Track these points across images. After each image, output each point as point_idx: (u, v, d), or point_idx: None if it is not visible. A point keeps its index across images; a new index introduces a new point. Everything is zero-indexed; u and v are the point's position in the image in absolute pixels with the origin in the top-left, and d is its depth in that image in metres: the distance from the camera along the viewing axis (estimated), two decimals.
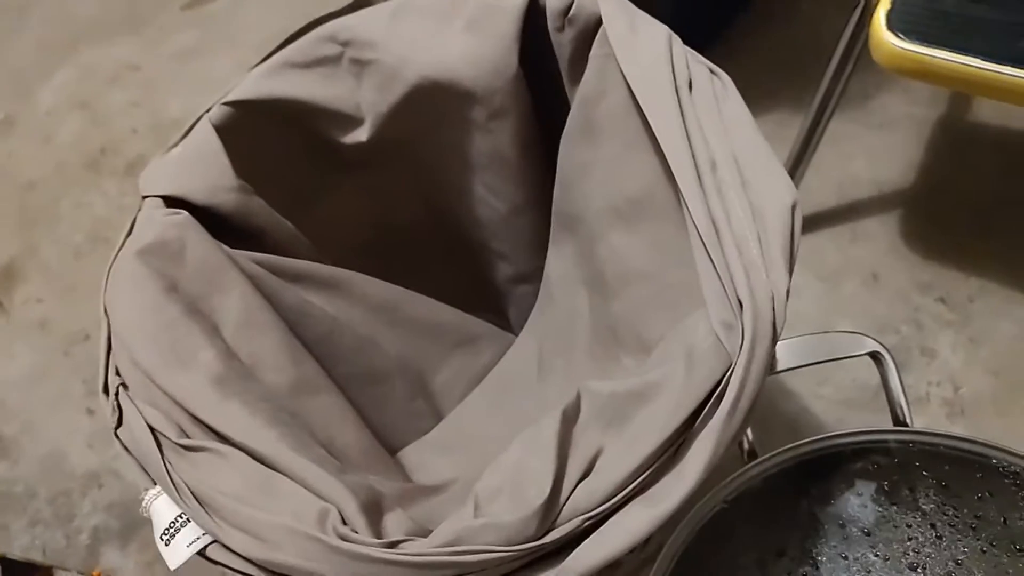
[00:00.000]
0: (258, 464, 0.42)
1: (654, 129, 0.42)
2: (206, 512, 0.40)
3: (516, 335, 0.67)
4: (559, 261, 0.58)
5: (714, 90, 0.43)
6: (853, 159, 0.95)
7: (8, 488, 0.94)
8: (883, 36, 0.65)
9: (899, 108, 0.99)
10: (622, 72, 0.45)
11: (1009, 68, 0.62)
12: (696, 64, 0.44)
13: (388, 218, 0.61)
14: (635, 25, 0.46)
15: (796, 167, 0.85)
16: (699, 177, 0.39)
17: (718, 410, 0.34)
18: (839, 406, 0.79)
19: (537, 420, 0.39)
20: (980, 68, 0.62)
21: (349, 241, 0.60)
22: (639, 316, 0.48)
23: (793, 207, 0.38)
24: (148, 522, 0.89)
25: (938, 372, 0.79)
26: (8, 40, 1.35)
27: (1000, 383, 0.77)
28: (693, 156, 0.40)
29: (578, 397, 0.38)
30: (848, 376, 0.79)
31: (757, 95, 1.07)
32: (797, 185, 0.87)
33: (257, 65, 0.54)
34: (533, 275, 0.63)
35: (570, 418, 0.37)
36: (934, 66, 0.64)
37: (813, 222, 0.91)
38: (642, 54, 0.44)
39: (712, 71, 0.44)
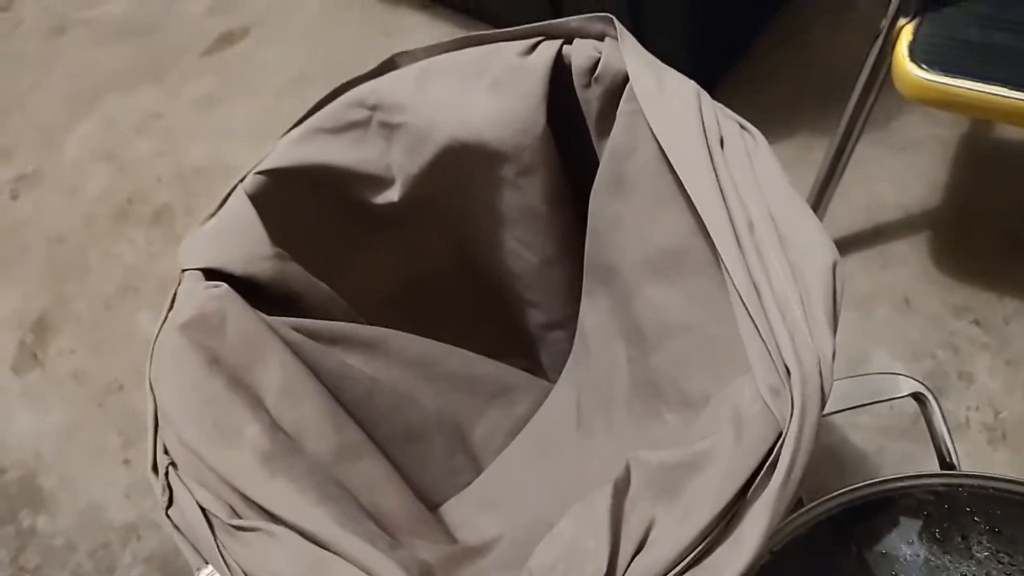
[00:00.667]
0: (310, 544, 0.42)
1: (687, 187, 0.42)
2: None
3: (550, 381, 0.67)
4: (594, 313, 0.58)
5: (745, 146, 0.43)
6: (879, 182, 0.95)
7: (48, 542, 0.95)
8: (906, 67, 0.65)
9: (922, 130, 0.98)
10: (651, 129, 0.45)
11: None
12: (726, 119, 0.44)
13: (421, 272, 0.61)
14: (662, 81, 0.46)
15: (822, 194, 0.85)
16: (737, 237, 0.39)
17: (772, 479, 0.34)
18: (878, 435, 0.78)
19: (580, 480, 0.39)
20: (1005, 96, 0.62)
21: (383, 297, 0.60)
22: (680, 370, 0.48)
23: (834, 266, 0.38)
24: (189, 572, 0.89)
25: (976, 396, 0.78)
26: (33, 93, 1.38)
27: None
28: (729, 215, 0.40)
29: (627, 468, 0.38)
30: (885, 404, 0.78)
31: (777, 120, 1.08)
32: (824, 211, 0.87)
33: (288, 132, 0.55)
34: (565, 322, 0.63)
35: (621, 491, 0.37)
36: (958, 96, 0.63)
37: (842, 247, 0.91)
38: (671, 110, 0.44)
39: (742, 126, 0.44)
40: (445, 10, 1.25)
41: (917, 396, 0.53)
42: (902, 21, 0.67)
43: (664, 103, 0.45)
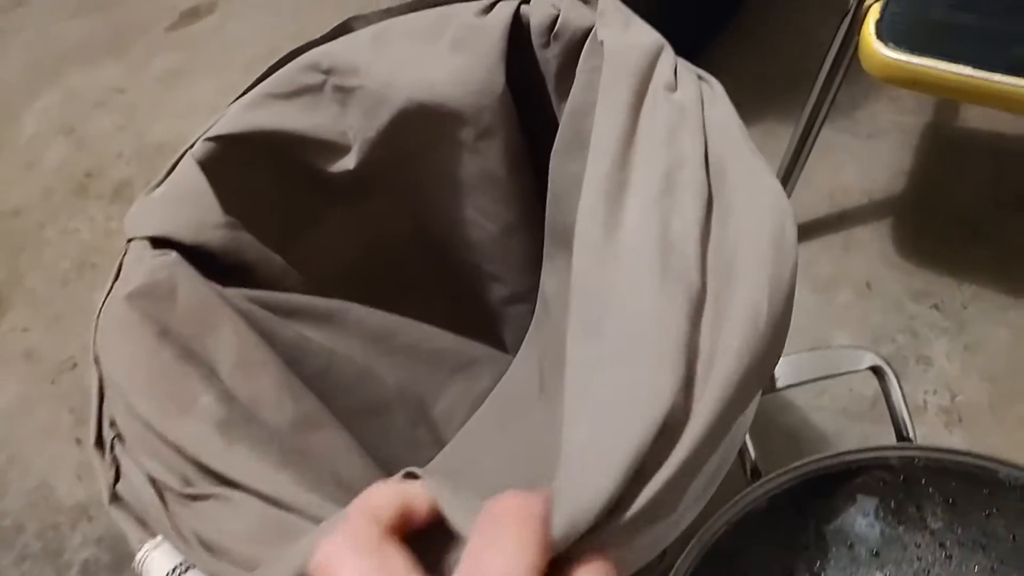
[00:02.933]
0: (269, 506, 0.40)
1: (593, 135, 0.41)
2: (214, 557, 0.39)
3: (514, 357, 0.66)
4: (555, 276, 0.57)
5: (700, 94, 0.42)
6: (843, 169, 0.95)
7: None
8: (873, 46, 0.65)
9: (887, 117, 0.99)
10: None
11: (998, 76, 0.62)
12: (684, 70, 0.44)
13: (378, 243, 0.60)
14: (626, 34, 0.45)
15: (787, 178, 0.85)
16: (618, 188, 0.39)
17: None
18: (838, 416, 0.79)
19: (544, 444, 0.38)
20: (970, 76, 0.62)
21: (340, 268, 0.59)
22: None
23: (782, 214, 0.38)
24: None
25: (934, 380, 0.79)
26: None
27: (997, 390, 0.77)
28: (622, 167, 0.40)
29: None
30: (845, 386, 0.79)
31: (745, 106, 1.08)
32: (788, 195, 0.87)
33: (238, 98, 0.54)
34: (527, 295, 0.62)
35: None
36: (924, 75, 0.64)
37: (805, 232, 0.91)
38: (621, 63, 0.43)
39: (701, 77, 0.44)
40: None
41: (876, 369, 0.53)
42: (869, 0, 0.67)
43: (619, 56, 0.44)
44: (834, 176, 0.95)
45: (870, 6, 0.67)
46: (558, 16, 0.47)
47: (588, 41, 0.46)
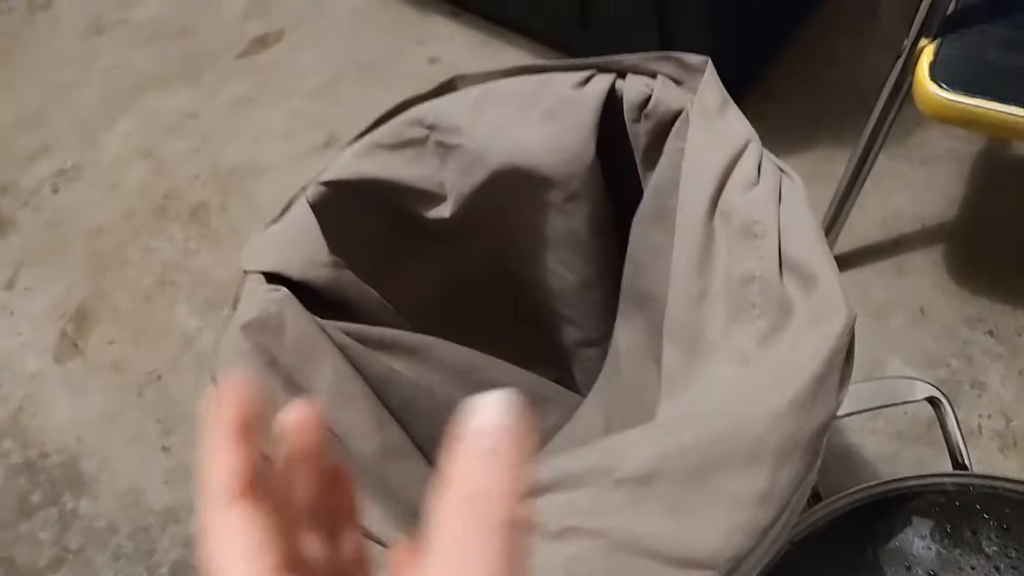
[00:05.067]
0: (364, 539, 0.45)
1: (676, 233, 0.45)
2: None
3: (581, 394, 0.70)
4: (628, 335, 0.61)
5: (779, 189, 0.45)
6: (896, 195, 0.98)
7: (90, 523, 0.98)
8: (927, 87, 0.67)
9: (939, 144, 1.01)
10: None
11: None
12: (768, 164, 0.47)
13: (464, 283, 0.64)
14: (718, 123, 0.49)
15: (841, 207, 0.88)
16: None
17: None
18: (893, 440, 0.81)
19: None
20: (1021, 116, 0.65)
21: (427, 304, 0.63)
22: None
23: (846, 327, 0.41)
24: None
25: (989, 405, 0.81)
26: (72, 91, 1.42)
27: None
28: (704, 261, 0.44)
29: None
30: (900, 409, 0.81)
31: (798, 132, 1.11)
32: (843, 223, 0.90)
33: (350, 144, 0.59)
34: (599, 340, 0.66)
35: None
36: (977, 115, 0.66)
37: (859, 257, 0.94)
38: (705, 155, 0.47)
39: (783, 171, 0.47)
40: (474, 17, 1.29)
41: (932, 400, 0.56)
42: (923, 42, 0.70)
43: (704, 149, 0.48)
44: (887, 202, 0.97)
45: (924, 48, 0.69)
46: (651, 96, 0.51)
47: (678, 123, 0.50)
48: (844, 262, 0.93)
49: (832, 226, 0.88)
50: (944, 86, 0.67)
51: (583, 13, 1.06)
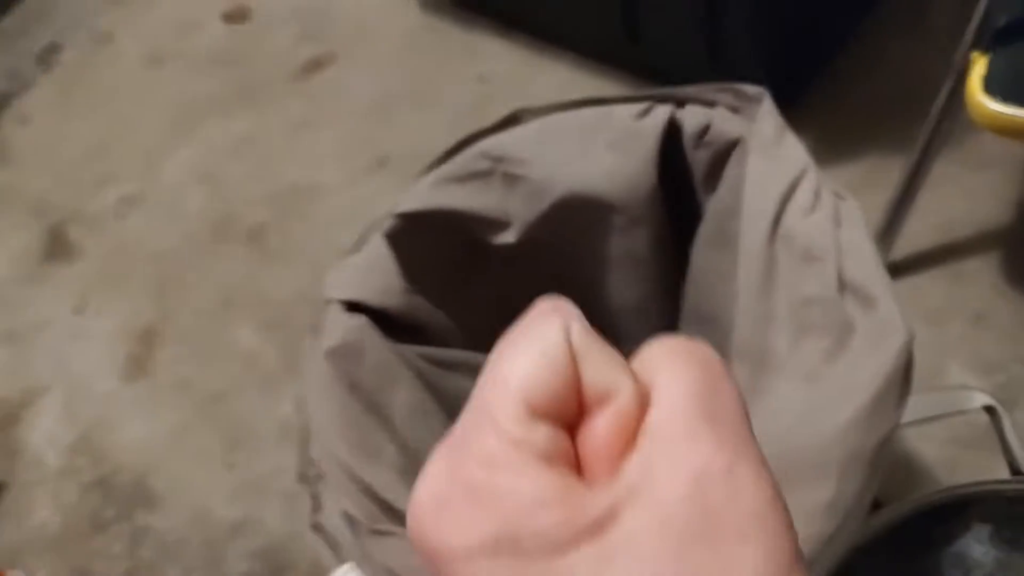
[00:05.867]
0: None
1: (739, 259, 0.47)
2: None
3: None
4: None
5: (836, 214, 0.47)
6: (952, 200, 0.97)
7: (161, 537, 1.02)
8: (979, 99, 0.68)
9: (995, 147, 1.00)
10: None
11: None
12: (826, 191, 0.49)
13: (529, 303, 0.66)
14: (776, 152, 0.50)
15: (897, 213, 0.88)
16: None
17: None
18: (950, 445, 0.81)
19: None
20: None
21: (495, 324, 0.65)
22: None
23: (906, 345, 0.42)
24: (292, 566, 0.96)
25: None
26: (134, 120, 1.47)
27: None
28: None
29: None
30: (959, 416, 0.81)
31: (852, 139, 1.10)
32: (899, 229, 0.90)
33: (421, 177, 0.62)
34: None
35: None
36: None
37: (915, 264, 0.93)
38: (766, 183, 0.48)
39: (839, 196, 0.48)
40: (521, 34, 1.30)
41: (988, 408, 0.57)
42: (975, 54, 0.70)
43: (764, 176, 0.49)
44: (943, 207, 0.96)
45: (976, 59, 0.69)
46: (709, 125, 0.53)
47: (736, 150, 0.52)
48: (900, 269, 0.93)
49: (888, 233, 0.88)
50: (997, 98, 0.68)
51: (631, 29, 1.06)
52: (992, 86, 0.68)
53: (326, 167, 1.31)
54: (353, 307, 0.58)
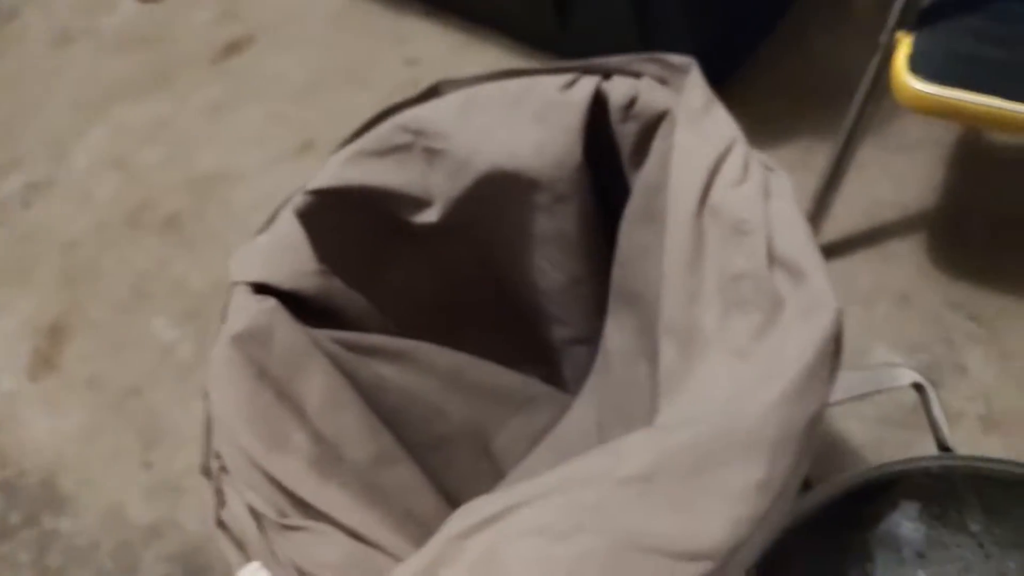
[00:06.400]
0: (358, 543, 0.45)
1: (667, 232, 0.46)
2: None
3: (570, 392, 0.70)
4: (618, 334, 0.61)
5: (766, 186, 0.46)
6: (877, 183, 0.98)
7: (70, 542, 0.97)
8: (904, 79, 0.68)
9: (919, 131, 1.02)
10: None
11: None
12: (755, 163, 0.47)
13: (451, 285, 0.64)
14: (704, 123, 0.49)
15: (824, 198, 0.88)
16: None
17: None
18: (878, 425, 0.81)
19: None
20: (996, 107, 0.65)
21: (414, 307, 0.63)
22: None
23: (835, 319, 0.41)
24: (209, 569, 0.91)
25: (971, 388, 0.82)
26: (42, 102, 1.40)
27: None
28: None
29: None
30: (885, 394, 0.82)
31: (779, 125, 1.11)
32: (827, 213, 0.90)
33: (336, 153, 0.58)
34: (588, 338, 0.67)
35: None
36: (954, 106, 0.67)
37: (842, 246, 0.94)
38: (694, 155, 0.47)
39: (768, 167, 0.47)
40: (450, 16, 1.28)
41: (916, 386, 0.57)
42: (900, 34, 0.70)
43: (692, 149, 0.48)
44: (869, 191, 0.98)
45: (900, 40, 0.70)
46: (636, 97, 0.51)
47: (664, 123, 0.51)
48: (829, 251, 0.94)
49: (816, 216, 0.89)
50: (921, 78, 0.68)
51: (560, 12, 1.05)
52: (917, 66, 0.68)
53: (247, 152, 1.26)
54: (262, 290, 0.54)
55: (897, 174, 0.98)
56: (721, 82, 1.10)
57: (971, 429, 0.80)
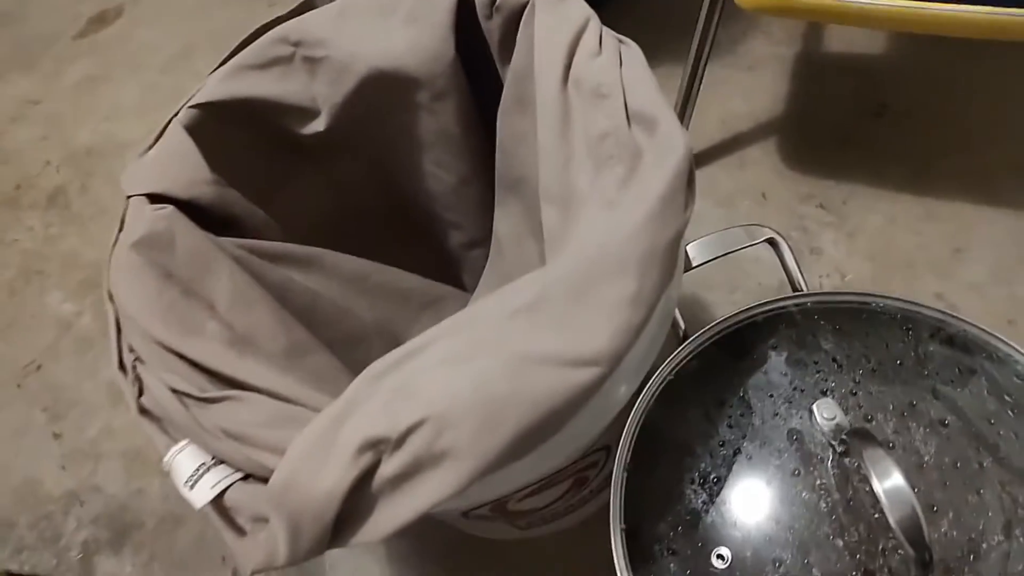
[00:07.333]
0: (281, 403, 0.47)
1: (537, 103, 0.50)
2: (240, 444, 0.46)
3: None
4: (507, 219, 0.65)
5: (619, 55, 0.51)
6: (731, 98, 1.07)
7: None
8: None
9: (764, 50, 1.12)
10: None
11: None
12: (608, 36, 0.52)
13: (347, 197, 0.66)
14: (559, 8, 0.54)
15: (683, 112, 0.96)
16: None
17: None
18: (739, 293, 0.91)
19: None
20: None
21: (316, 220, 0.65)
22: None
23: (686, 154, 0.47)
24: (139, 525, 0.92)
25: (826, 266, 0.92)
26: None
27: (877, 265, 0.90)
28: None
29: None
30: (754, 281, 0.91)
31: (646, 52, 1.18)
32: (686, 126, 0.98)
33: (214, 71, 0.60)
34: (483, 241, 0.70)
35: None
36: (789, 1, 0.74)
37: (705, 156, 1.03)
38: (554, 34, 0.51)
39: (621, 40, 0.52)
40: None
41: (771, 241, 0.64)
42: None
43: (551, 30, 0.53)
44: (724, 105, 1.07)
45: None
46: None
47: (525, 13, 0.55)
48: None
49: None
50: None
51: None
52: None
53: (126, 122, 1.25)
54: (157, 200, 0.54)
55: (748, 89, 1.08)
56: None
57: None
